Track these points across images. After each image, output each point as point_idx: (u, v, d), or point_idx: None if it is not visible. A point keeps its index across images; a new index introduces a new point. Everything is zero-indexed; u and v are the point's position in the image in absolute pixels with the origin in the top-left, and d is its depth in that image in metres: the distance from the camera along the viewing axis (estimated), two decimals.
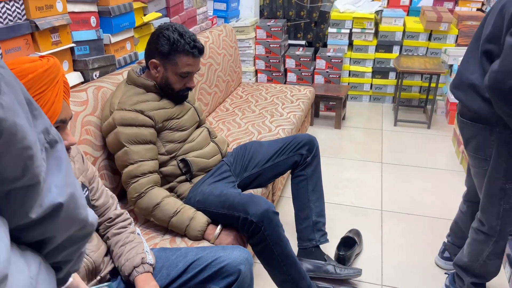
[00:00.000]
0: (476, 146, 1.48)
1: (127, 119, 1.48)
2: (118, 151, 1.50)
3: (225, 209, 1.50)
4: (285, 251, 1.51)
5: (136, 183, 1.48)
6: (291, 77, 3.92)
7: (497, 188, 1.47)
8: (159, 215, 1.48)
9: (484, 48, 1.37)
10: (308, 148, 1.81)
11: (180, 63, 1.53)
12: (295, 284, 1.55)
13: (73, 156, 1.11)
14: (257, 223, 1.44)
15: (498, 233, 1.53)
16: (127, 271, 1.13)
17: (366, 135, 3.41)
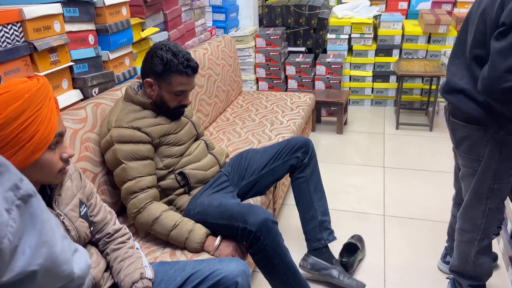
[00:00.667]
0: (468, 147, 1.49)
1: (124, 136, 1.51)
2: (116, 168, 1.53)
3: (224, 220, 1.52)
4: (285, 260, 1.52)
5: (135, 198, 1.51)
6: (292, 84, 3.94)
7: (486, 188, 1.49)
8: (158, 229, 1.50)
9: (473, 54, 1.39)
10: (304, 150, 1.83)
11: (174, 83, 1.55)
12: None
13: (70, 174, 1.14)
14: (256, 232, 1.45)
15: (482, 231, 1.55)
16: (126, 287, 1.15)
17: (368, 139, 3.41)
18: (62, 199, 1.08)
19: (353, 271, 1.94)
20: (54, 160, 0.98)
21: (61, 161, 1.00)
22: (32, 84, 0.94)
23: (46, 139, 0.94)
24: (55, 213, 1.04)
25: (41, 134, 0.93)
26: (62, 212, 1.06)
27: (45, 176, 0.99)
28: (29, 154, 0.92)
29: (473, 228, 1.58)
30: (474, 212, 1.55)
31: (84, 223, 1.12)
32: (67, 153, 1.01)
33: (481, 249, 1.59)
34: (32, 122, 0.91)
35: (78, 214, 1.11)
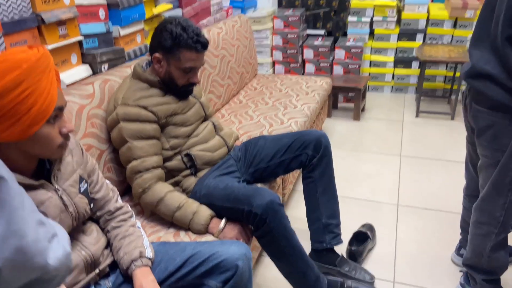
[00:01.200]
0: (492, 136, 1.40)
1: (130, 114, 1.48)
2: (121, 147, 1.50)
3: (229, 203, 1.48)
4: (292, 243, 1.48)
5: (140, 178, 1.48)
6: (309, 68, 3.84)
7: (508, 180, 1.41)
8: (163, 209, 1.48)
9: (506, 34, 1.27)
10: (314, 148, 1.72)
11: (183, 58, 1.50)
12: (302, 274, 1.52)
13: (71, 149, 1.11)
14: (261, 215, 1.41)
15: (501, 225, 1.47)
16: (125, 265, 1.13)
17: (386, 127, 3.31)
18: (61, 174, 1.05)
19: (362, 260, 1.89)
20: (53, 134, 0.95)
21: (60, 136, 0.97)
22: (32, 54, 0.91)
23: (44, 112, 0.91)
24: (53, 188, 1.02)
25: (39, 106, 0.89)
26: (61, 187, 1.04)
27: (44, 150, 0.96)
28: (26, 126, 0.89)
29: (491, 221, 1.50)
30: (493, 204, 1.47)
31: (83, 199, 1.10)
32: (66, 127, 0.98)
33: (497, 243, 1.51)
34: (30, 94, 0.88)
35: (77, 190, 1.08)
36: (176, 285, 1.17)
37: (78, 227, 1.12)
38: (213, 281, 1.16)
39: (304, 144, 1.73)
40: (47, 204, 0.99)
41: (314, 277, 1.54)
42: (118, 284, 1.14)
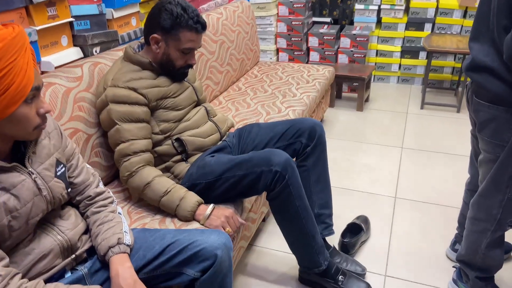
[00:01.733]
0: (492, 130, 1.35)
1: (119, 96, 1.45)
2: (110, 129, 1.48)
3: (243, 170, 1.47)
4: (305, 204, 1.52)
5: (128, 161, 1.46)
6: (313, 56, 3.77)
7: (507, 176, 1.37)
8: (149, 194, 1.45)
9: (501, 25, 1.22)
10: (309, 136, 1.69)
11: (183, 39, 1.48)
12: (312, 238, 1.54)
13: (48, 132, 1.09)
14: (282, 171, 1.43)
15: (497, 222, 1.44)
16: (102, 251, 1.11)
17: (389, 118, 3.24)
18: (36, 157, 1.03)
19: (354, 253, 1.86)
20: (30, 115, 0.93)
21: (37, 117, 0.95)
22: (7, 32, 0.88)
23: (22, 92, 0.89)
24: (26, 171, 0.99)
25: (16, 86, 0.87)
26: (35, 170, 1.02)
27: (21, 131, 0.94)
28: (3, 107, 0.87)
29: (488, 218, 1.45)
30: (490, 201, 1.43)
31: (60, 183, 1.07)
32: (44, 108, 0.96)
33: (493, 241, 1.48)
34: (6, 73, 0.86)
35: (53, 173, 1.06)
36: (154, 273, 1.15)
37: (55, 211, 1.10)
38: (192, 270, 1.14)
39: (299, 132, 1.69)
40: (19, 187, 0.97)
41: (321, 242, 1.57)
42: (94, 270, 1.12)
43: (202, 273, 1.14)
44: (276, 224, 1.58)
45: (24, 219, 0.98)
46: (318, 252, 1.57)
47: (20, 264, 0.99)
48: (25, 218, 0.98)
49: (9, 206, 0.94)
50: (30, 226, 1.00)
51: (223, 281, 1.17)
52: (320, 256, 1.58)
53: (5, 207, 0.94)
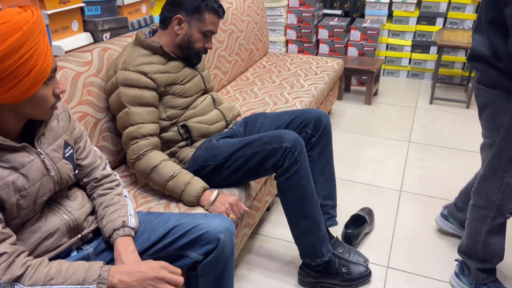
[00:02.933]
0: (489, 114, 1.40)
1: (129, 79, 1.47)
2: (119, 112, 1.50)
3: (253, 149, 1.50)
4: (312, 186, 1.54)
5: (135, 145, 1.47)
6: (323, 48, 3.76)
7: (504, 160, 1.40)
8: (155, 178, 1.47)
9: (487, 19, 1.32)
10: (314, 126, 1.69)
11: (207, 20, 1.54)
12: (316, 223, 1.55)
13: (57, 114, 1.11)
14: (292, 147, 1.46)
15: (497, 208, 1.46)
16: (107, 233, 1.13)
17: (397, 113, 3.23)
18: (45, 138, 1.05)
19: (357, 244, 1.87)
20: (48, 95, 0.97)
21: (53, 97, 0.99)
22: (29, 16, 0.91)
23: (43, 73, 0.92)
24: (35, 151, 1.02)
25: (38, 68, 0.91)
26: (44, 151, 1.04)
27: (38, 111, 0.98)
28: (26, 88, 0.90)
29: (487, 204, 1.47)
30: (489, 186, 1.46)
31: (67, 165, 1.09)
32: (59, 88, 1.00)
33: (493, 228, 1.49)
34: (31, 56, 0.89)
35: (61, 155, 1.08)
36: (158, 255, 1.17)
37: (62, 192, 1.12)
38: (194, 253, 1.15)
39: (304, 122, 1.70)
40: (28, 167, 0.99)
41: (324, 231, 1.59)
42: (100, 251, 1.15)
43: (205, 256, 1.16)
44: (280, 214, 1.60)
45: (32, 198, 1.00)
46: (322, 241, 1.57)
47: (27, 241, 1.02)
48: (33, 198, 1.00)
49: (18, 185, 0.97)
50: (37, 205, 1.03)
51: (225, 265, 1.18)
52: (323, 246, 1.58)
53: (14, 186, 0.96)
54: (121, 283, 0.95)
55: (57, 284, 0.93)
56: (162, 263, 1.02)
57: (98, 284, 0.94)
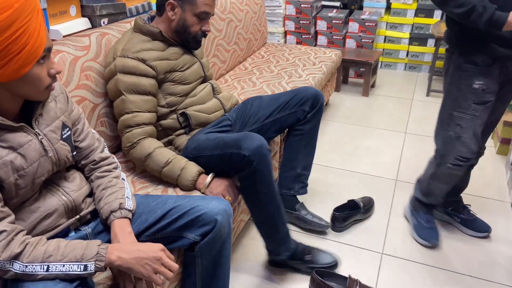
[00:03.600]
0: (443, 72, 1.64)
1: (128, 67, 1.47)
2: (116, 99, 1.50)
3: (218, 150, 1.48)
4: (271, 191, 1.48)
5: (129, 133, 1.48)
6: (321, 40, 3.76)
7: (446, 113, 1.59)
8: (151, 165, 1.48)
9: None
10: (312, 104, 1.73)
11: (199, 2, 1.51)
12: (274, 226, 1.54)
13: (55, 96, 1.11)
14: (249, 156, 1.39)
15: (440, 157, 1.66)
16: (105, 215, 1.13)
17: (394, 104, 3.24)
18: (43, 119, 1.05)
19: (344, 227, 1.90)
20: (42, 75, 0.96)
21: (49, 77, 0.98)
22: None
23: (35, 52, 0.91)
24: (33, 132, 1.02)
25: (30, 47, 0.90)
26: (42, 131, 1.04)
27: (33, 91, 0.97)
28: (18, 67, 0.89)
29: (436, 152, 1.70)
30: (437, 136, 1.68)
31: (65, 146, 1.10)
32: (55, 69, 0.98)
33: (437, 175, 1.71)
34: (22, 34, 0.88)
35: (59, 136, 1.08)
36: (155, 237, 1.18)
37: (61, 173, 1.12)
38: (192, 234, 1.17)
39: (302, 101, 1.73)
40: (26, 147, 0.99)
41: (284, 234, 1.57)
42: (98, 232, 1.16)
43: (202, 237, 1.17)
44: None
45: (30, 178, 1.01)
46: (279, 242, 1.58)
47: (26, 221, 1.02)
48: (31, 178, 1.01)
49: (16, 165, 0.97)
50: (36, 185, 1.03)
51: (222, 246, 1.20)
52: (281, 247, 1.59)
53: (12, 166, 0.96)
54: (119, 260, 0.96)
55: (56, 261, 0.94)
56: (161, 246, 1.03)
57: (96, 261, 0.95)
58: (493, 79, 1.51)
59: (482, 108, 1.53)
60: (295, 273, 1.69)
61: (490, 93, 1.52)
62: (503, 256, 1.78)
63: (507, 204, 2.12)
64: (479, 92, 1.51)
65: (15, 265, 0.92)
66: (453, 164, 1.61)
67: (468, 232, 1.87)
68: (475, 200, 2.10)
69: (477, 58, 1.49)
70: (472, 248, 1.82)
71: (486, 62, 1.48)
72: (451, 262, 1.74)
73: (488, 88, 1.51)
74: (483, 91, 1.50)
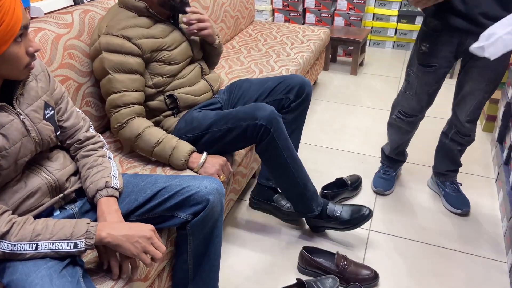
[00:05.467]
0: None
1: (113, 45, 1.43)
2: (102, 78, 1.47)
3: (229, 124, 1.48)
4: (293, 154, 1.55)
5: (118, 113, 1.45)
6: (310, 18, 3.72)
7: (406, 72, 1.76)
8: (141, 145, 1.46)
9: None
10: (297, 93, 1.69)
11: None
12: (304, 186, 1.59)
13: (35, 75, 1.08)
14: (267, 125, 1.45)
15: (391, 107, 1.92)
16: (91, 193, 1.12)
17: (382, 83, 3.24)
18: (24, 98, 1.03)
19: None
20: (20, 54, 0.93)
21: (27, 56, 0.95)
22: None
23: (11, 31, 0.88)
24: (15, 111, 0.99)
25: (6, 25, 0.86)
26: (23, 111, 1.02)
27: (12, 70, 0.94)
28: None
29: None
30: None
31: (48, 126, 1.08)
32: (33, 47, 0.96)
33: (388, 124, 1.97)
34: None
35: (42, 116, 1.06)
36: (145, 216, 1.18)
37: (44, 153, 1.11)
38: (183, 213, 1.17)
39: (288, 88, 1.70)
40: (8, 127, 0.97)
41: (313, 189, 1.63)
42: (85, 211, 1.15)
43: (193, 216, 1.17)
44: None
45: (13, 159, 0.99)
46: (311, 199, 1.63)
47: (8, 201, 1.01)
48: (14, 158, 0.99)
49: None
50: (18, 166, 1.02)
51: (214, 224, 1.20)
52: (313, 203, 1.64)
53: None
54: (109, 236, 0.96)
55: (44, 239, 0.93)
56: (151, 226, 1.03)
57: (86, 239, 0.95)
58: (441, 45, 1.57)
59: (424, 70, 1.65)
60: (284, 246, 1.71)
61: (435, 57, 1.60)
62: (487, 231, 1.82)
63: (491, 180, 2.16)
64: (422, 54, 1.62)
65: (2, 244, 0.91)
66: (396, 116, 1.87)
67: (446, 206, 1.94)
68: (461, 176, 2.14)
69: (431, 22, 1.56)
70: (457, 223, 1.86)
71: (436, 27, 1.55)
72: (436, 237, 1.78)
73: (431, 52, 1.59)
74: (425, 54, 1.61)
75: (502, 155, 2.14)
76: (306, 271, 1.60)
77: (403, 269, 1.63)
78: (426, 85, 1.69)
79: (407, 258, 1.68)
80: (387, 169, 2.08)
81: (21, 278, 0.90)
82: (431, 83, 1.68)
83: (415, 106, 1.77)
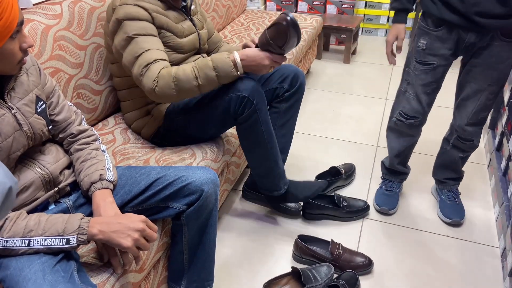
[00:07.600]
0: None
1: (131, 12, 1.40)
2: (127, 47, 1.41)
3: (214, 99, 1.47)
4: (270, 129, 1.53)
5: (148, 71, 1.37)
6: (302, 6, 3.69)
7: (403, 69, 1.69)
8: (185, 86, 1.36)
9: None
10: (291, 82, 1.69)
11: None
12: (275, 163, 1.59)
13: (26, 68, 1.07)
14: (249, 96, 1.42)
15: (391, 110, 1.80)
16: (85, 187, 1.12)
17: (375, 71, 3.24)
18: (15, 93, 1.02)
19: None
20: (15, 50, 0.93)
21: (21, 52, 0.95)
22: None
23: (9, 27, 0.88)
24: (6, 106, 0.98)
25: (4, 22, 0.86)
26: (15, 105, 1.01)
27: (5, 66, 0.94)
28: None
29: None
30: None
31: (40, 120, 1.07)
32: (27, 43, 0.96)
33: (388, 125, 1.84)
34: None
35: (33, 110, 1.05)
36: (140, 207, 1.18)
37: (36, 147, 1.10)
38: (178, 204, 1.17)
39: (282, 77, 1.70)
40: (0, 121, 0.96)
41: (282, 168, 1.64)
42: (79, 204, 1.15)
43: (188, 206, 1.17)
44: None
45: (6, 153, 0.98)
46: (279, 176, 1.63)
47: None
48: (6, 153, 0.98)
49: None
50: (11, 160, 1.01)
51: (209, 214, 1.21)
52: (280, 181, 1.64)
53: None
54: (100, 233, 0.96)
55: (37, 235, 0.93)
56: (142, 217, 1.02)
57: (79, 234, 0.95)
58: (440, 42, 1.51)
59: (422, 69, 1.58)
60: (279, 235, 1.72)
61: (433, 55, 1.54)
62: (479, 217, 1.85)
63: (483, 166, 2.18)
64: (420, 51, 1.56)
65: None
66: (397, 119, 1.74)
67: (438, 213, 1.86)
68: None
69: (429, 18, 1.51)
70: None
71: (435, 23, 1.50)
72: (430, 223, 1.81)
73: (429, 49, 1.53)
74: (423, 51, 1.55)
75: (494, 141, 2.17)
76: (301, 259, 1.62)
77: (397, 255, 1.66)
78: (425, 85, 1.61)
79: (401, 244, 1.70)
80: (389, 184, 1.92)
81: (15, 273, 0.90)
82: (429, 82, 1.60)
83: (415, 106, 1.67)
